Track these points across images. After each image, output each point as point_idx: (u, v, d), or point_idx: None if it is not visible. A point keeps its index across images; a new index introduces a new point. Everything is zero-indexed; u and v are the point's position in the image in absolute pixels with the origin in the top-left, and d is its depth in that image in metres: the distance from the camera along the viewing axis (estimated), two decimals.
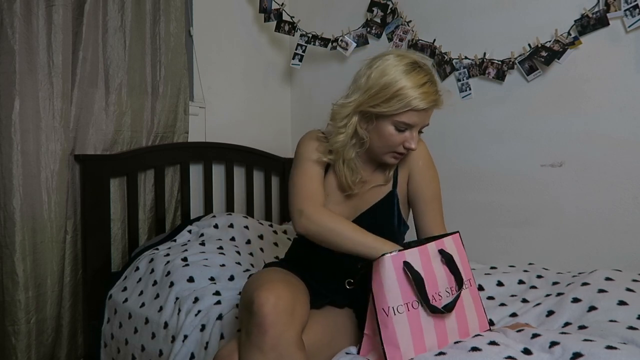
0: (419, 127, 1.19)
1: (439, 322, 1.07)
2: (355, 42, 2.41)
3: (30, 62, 1.78)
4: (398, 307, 1.04)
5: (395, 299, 1.04)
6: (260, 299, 1.03)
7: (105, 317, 1.82)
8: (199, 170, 2.38)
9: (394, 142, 1.19)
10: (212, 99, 2.49)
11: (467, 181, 2.16)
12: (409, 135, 1.18)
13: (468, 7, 2.14)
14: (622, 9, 1.75)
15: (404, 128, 1.17)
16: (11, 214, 1.75)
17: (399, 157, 1.23)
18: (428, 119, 1.20)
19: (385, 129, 1.18)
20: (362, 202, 1.30)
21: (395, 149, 1.20)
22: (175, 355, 1.41)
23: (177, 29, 2.26)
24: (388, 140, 1.19)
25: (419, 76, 1.15)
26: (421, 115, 1.16)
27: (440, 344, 1.06)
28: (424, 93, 1.13)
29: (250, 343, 1.03)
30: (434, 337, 1.06)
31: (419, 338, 1.04)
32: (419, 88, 1.13)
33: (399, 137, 1.18)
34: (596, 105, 1.84)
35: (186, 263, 1.73)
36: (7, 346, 1.76)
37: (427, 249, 1.10)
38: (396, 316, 1.03)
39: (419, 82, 1.14)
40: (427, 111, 1.17)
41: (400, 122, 1.16)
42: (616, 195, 1.81)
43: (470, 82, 2.14)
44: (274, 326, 1.01)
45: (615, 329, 1.13)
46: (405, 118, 1.15)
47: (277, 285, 1.09)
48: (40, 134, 1.82)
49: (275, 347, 1.01)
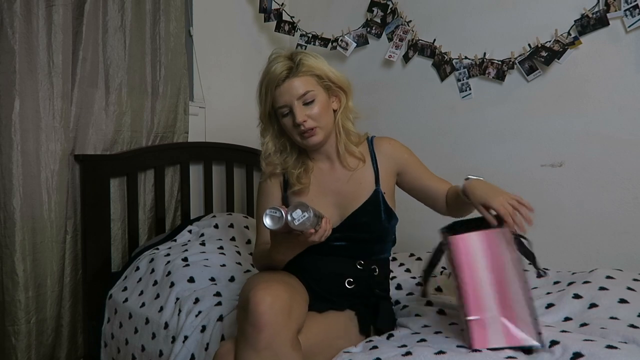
0: (294, 101, 1.24)
1: None
2: (355, 42, 2.41)
3: (30, 62, 1.78)
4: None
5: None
6: (256, 298, 1.03)
7: (105, 317, 1.82)
8: (199, 170, 2.38)
9: (289, 127, 1.27)
10: (212, 99, 2.49)
11: None
12: (292, 114, 1.25)
13: (468, 7, 2.14)
14: (622, 9, 1.75)
15: (286, 111, 1.26)
16: (11, 214, 1.75)
17: (306, 135, 1.26)
18: (297, 90, 1.24)
19: (281, 122, 1.29)
20: (348, 204, 1.31)
21: (295, 131, 1.27)
22: (175, 355, 1.41)
23: (177, 29, 2.25)
24: (286, 127, 1.29)
25: (270, 60, 1.28)
26: (284, 90, 1.24)
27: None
28: (275, 64, 1.24)
29: (245, 342, 1.03)
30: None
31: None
32: (272, 67, 1.25)
33: (289, 120, 1.26)
34: (596, 105, 1.84)
35: (186, 263, 1.73)
36: (7, 346, 1.75)
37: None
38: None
39: (270, 65, 1.26)
40: (287, 82, 1.24)
41: (278, 107, 1.26)
42: (616, 195, 1.81)
43: (470, 82, 2.14)
44: (269, 325, 1.01)
45: (616, 327, 1.13)
46: (278, 101, 1.25)
47: (274, 285, 1.09)
48: (40, 134, 1.82)
49: (270, 346, 1.01)
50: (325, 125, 1.28)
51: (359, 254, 1.31)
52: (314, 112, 1.24)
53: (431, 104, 2.26)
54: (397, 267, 1.80)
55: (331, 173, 1.35)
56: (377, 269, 1.33)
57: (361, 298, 1.30)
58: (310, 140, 1.26)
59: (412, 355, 1.05)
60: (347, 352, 1.14)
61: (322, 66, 1.28)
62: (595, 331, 1.12)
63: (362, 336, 1.26)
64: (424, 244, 2.00)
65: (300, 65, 1.24)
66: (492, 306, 1.03)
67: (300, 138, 1.27)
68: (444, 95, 2.22)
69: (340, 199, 1.32)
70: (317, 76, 1.26)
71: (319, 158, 1.36)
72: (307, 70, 1.25)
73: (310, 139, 1.26)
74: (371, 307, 1.31)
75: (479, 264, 1.04)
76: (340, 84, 1.30)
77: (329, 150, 1.34)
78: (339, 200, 1.32)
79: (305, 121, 1.23)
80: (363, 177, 1.32)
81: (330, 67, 1.30)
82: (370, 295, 1.32)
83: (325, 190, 1.33)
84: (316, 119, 1.25)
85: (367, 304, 1.30)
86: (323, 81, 1.27)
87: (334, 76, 1.29)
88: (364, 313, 1.28)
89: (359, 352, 1.14)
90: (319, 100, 1.26)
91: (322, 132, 1.27)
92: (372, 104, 2.39)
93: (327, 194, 1.33)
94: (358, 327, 1.25)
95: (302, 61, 1.24)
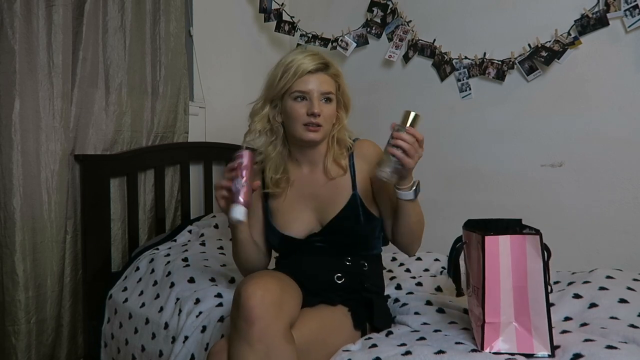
0: (315, 93, 1.25)
1: None
2: (355, 42, 2.41)
3: (30, 62, 1.78)
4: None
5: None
6: (247, 292, 1.04)
7: (105, 317, 1.82)
8: (199, 170, 2.38)
9: (299, 113, 1.26)
10: (212, 99, 2.49)
11: (467, 181, 2.16)
12: (309, 103, 1.25)
13: (468, 7, 2.14)
14: (622, 9, 1.75)
15: (301, 96, 1.26)
16: (11, 214, 1.75)
17: (313, 128, 1.26)
18: (323, 86, 1.26)
19: (288, 105, 1.27)
20: (326, 209, 1.33)
21: (302, 120, 1.26)
22: (175, 356, 1.41)
23: (177, 29, 2.25)
24: (294, 113, 1.27)
25: (296, 52, 1.30)
26: (312, 80, 1.25)
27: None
28: (308, 56, 1.26)
29: (238, 336, 1.04)
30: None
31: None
32: (304, 57, 1.26)
33: (301, 107, 1.26)
34: (596, 105, 1.84)
35: (187, 263, 1.73)
36: (7, 346, 1.75)
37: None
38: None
39: (304, 53, 1.28)
40: (317, 75, 1.26)
41: (296, 91, 1.26)
42: (616, 195, 1.81)
43: (470, 82, 2.14)
44: (260, 319, 1.02)
45: (616, 326, 1.13)
46: (299, 86, 1.25)
47: (265, 279, 1.11)
48: (40, 134, 1.82)
49: (263, 339, 1.02)
50: (327, 130, 1.30)
51: (345, 254, 1.33)
52: (327, 112, 1.27)
53: (431, 104, 2.26)
54: (397, 267, 1.80)
55: (309, 176, 1.36)
56: (365, 264, 1.34)
57: (353, 293, 1.31)
58: (312, 135, 1.27)
59: (411, 355, 1.05)
60: (347, 351, 1.14)
61: (344, 79, 1.34)
62: (595, 331, 1.12)
63: (356, 332, 1.25)
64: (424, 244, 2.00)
65: (333, 68, 1.30)
66: (508, 311, 1.03)
67: (303, 128, 1.27)
68: (444, 95, 2.22)
69: (317, 204, 1.33)
70: (338, 85, 1.32)
71: (303, 161, 1.36)
72: (336, 74, 1.31)
73: (312, 133, 1.27)
74: (364, 302, 1.31)
75: (504, 267, 1.04)
76: (347, 102, 1.36)
77: (316, 156, 1.35)
78: (317, 204, 1.34)
79: (319, 114, 1.25)
80: (340, 182, 1.33)
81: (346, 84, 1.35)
82: (361, 290, 1.32)
83: (303, 194, 1.35)
84: (325, 120, 1.27)
85: (360, 299, 1.31)
86: (339, 93, 1.33)
87: (347, 92, 1.35)
88: (357, 309, 1.28)
89: (358, 351, 1.14)
90: (333, 106, 1.30)
91: (323, 134, 1.29)
92: (372, 104, 2.39)
93: (306, 197, 1.35)
94: (352, 323, 1.25)
95: (333, 65, 1.31)
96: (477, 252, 1.07)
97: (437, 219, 2.22)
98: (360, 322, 1.27)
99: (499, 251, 1.04)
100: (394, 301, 1.47)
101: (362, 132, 1.42)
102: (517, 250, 1.04)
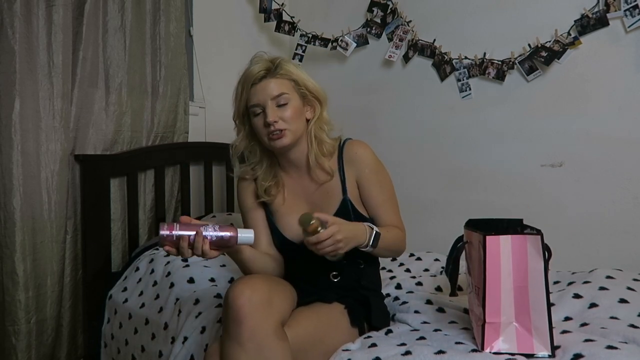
0: (267, 102, 1.25)
1: None
2: (355, 42, 2.41)
3: (30, 62, 1.78)
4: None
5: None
6: (234, 292, 1.04)
7: (105, 317, 1.82)
8: (199, 170, 2.38)
9: (260, 127, 1.27)
10: (212, 99, 2.49)
11: (467, 181, 2.16)
12: (264, 114, 1.25)
13: (468, 7, 2.14)
14: (622, 9, 1.75)
15: (258, 111, 1.26)
16: (11, 214, 1.74)
17: (275, 135, 1.26)
18: (272, 91, 1.25)
19: (252, 122, 1.29)
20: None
21: (264, 132, 1.27)
22: (175, 356, 1.40)
23: (177, 29, 2.25)
24: (257, 128, 1.28)
25: (251, 61, 1.29)
26: (259, 90, 1.25)
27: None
28: (253, 66, 1.26)
29: (228, 337, 1.04)
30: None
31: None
32: (250, 69, 1.27)
33: (259, 120, 1.26)
34: (596, 105, 1.84)
35: (186, 264, 1.73)
36: (7, 346, 1.75)
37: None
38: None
39: (250, 65, 1.28)
40: (263, 83, 1.25)
41: (251, 106, 1.27)
42: (616, 195, 1.81)
43: (470, 82, 2.14)
44: (249, 317, 1.02)
45: (616, 326, 1.13)
46: (252, 100, 1.26)
47: (253, 279, 1.11)
48: (40, 134, 1.82)
49: (252, 338, 1.02)
50: (296, 130, 1.28)
51: None
52: (286, 114, 1.25)
53: (431, 104, 2.26)
54: (397, 267, 1.80)
55: (300, 182, 1.36)
56: (362, 262, 1.34)
57: (349, 291, 1.31)
58: (278, 142, 1.26)
59: (411, 355, 1.05)
60: (346, 350, 1.14)
61: (300, 73, 1.31)
62: (595, 331, 1.12)
63: (353, 329, 1.25)
64: (424, 244, 2.00)
65: (279, 68, 1.27)
66: (509, 311, 1.03)
67: (267, 139, 1.27)
68: (444, 95, 2.22)
69: (312, 208, 1.33)
70: (294, 81, 1.29)
71: (289, 167, 1.37)
72: (284, 74, 1.28)
73: (277, 140, 1.26)
74: (360, 300, 1.31)
75: (504, 267, 1.04)
76: (316, 93, 1.32)
77: (299, 159, 1.34)
78: (312, 209, 1.32)
79: (276, 122, 1.24)
80: (330, 187, 1.33)
81: (309, 77, 1.33)
82: (358, 287, 1.32)
83: (299, 198, 1.35)
84: (287, 122, 1.25)
85: (356, 297, 1.30)
86: (299, 88, 1.30)
87: (311, 85, 1.32)
88: (353, 306, 1.28)
89: (358, 350, 1.14)
90: (293, 105, 1.27)
91: (291, 136, 1.27)
92: (372, 104, 2.39)
93: (302, 201, 1.35)
94: (349, 320, 1.25)
95: (281, 64, 1.28)
96: (478, 251, 1.07)
97: (437, 219, 2.23)
98: (356, 320, 1.27)
99: (500, 251, 1.04)
100: (393, 299, 1.47)
101: (362, 132, 1.43)
102: (518, 250, 1.04)
